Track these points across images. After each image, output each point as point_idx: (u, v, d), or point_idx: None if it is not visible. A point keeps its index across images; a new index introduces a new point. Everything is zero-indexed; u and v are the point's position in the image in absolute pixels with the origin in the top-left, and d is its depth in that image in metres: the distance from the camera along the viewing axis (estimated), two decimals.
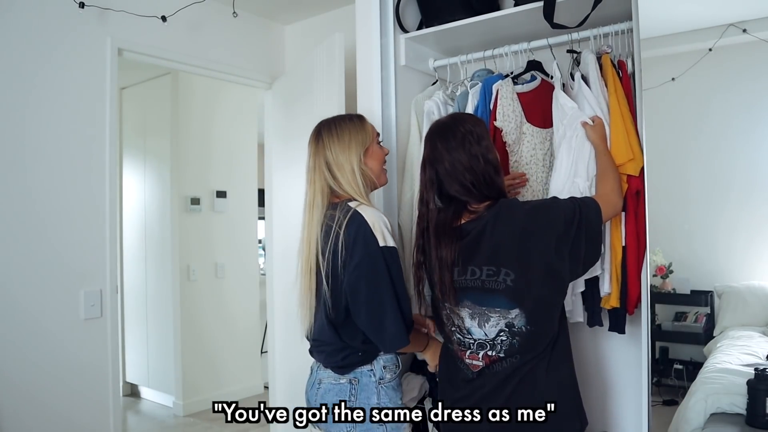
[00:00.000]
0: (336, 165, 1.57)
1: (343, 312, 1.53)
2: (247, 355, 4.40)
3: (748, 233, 1.88)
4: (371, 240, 1.46)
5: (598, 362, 2.10)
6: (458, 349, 1.52)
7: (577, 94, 1.85)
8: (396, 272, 1.49)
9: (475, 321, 1.47)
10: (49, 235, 2.33)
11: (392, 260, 1.48)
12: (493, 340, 1.44)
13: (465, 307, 1.47)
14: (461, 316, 1.49)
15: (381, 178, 1.65)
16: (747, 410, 1.69)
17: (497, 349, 1.44)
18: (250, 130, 4.51)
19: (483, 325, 1.46)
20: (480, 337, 1.47)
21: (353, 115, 1.68)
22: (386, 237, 1.48)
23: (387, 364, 1.58)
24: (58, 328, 2.34)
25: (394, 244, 1.50)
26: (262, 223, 4.18)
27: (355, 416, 1.52)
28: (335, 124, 1.63)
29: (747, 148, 1.89)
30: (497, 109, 1.95)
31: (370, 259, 1.46)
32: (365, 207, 1.52)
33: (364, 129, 1.61)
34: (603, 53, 1.85)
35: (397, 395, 1.60)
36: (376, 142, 1.63)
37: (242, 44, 3.15)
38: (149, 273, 4.22)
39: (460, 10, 2.14)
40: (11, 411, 2.19)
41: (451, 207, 1.50)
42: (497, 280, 1.42)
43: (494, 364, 1.46)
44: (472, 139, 1.49)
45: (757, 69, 1.84)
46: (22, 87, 2.27)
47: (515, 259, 1.41)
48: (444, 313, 1.54)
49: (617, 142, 1.70)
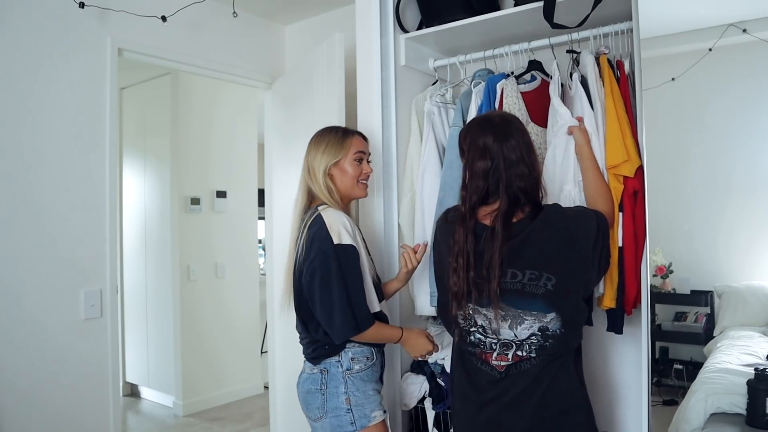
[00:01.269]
0: (310, 168, 1.76)
1: (306, 306, 1.68)
2: (247, 355, 4.40)
3: (748, 233, 1.88)
4: (326, 238, 1.61)
5: (597, 362, 2.10)
6: (479, 350, 1.50)
7: (574, 95, 1.86)
8: (349, 268, 1.61)
9: (507, 323, 1.45)
10: (49, 235, 2.33)
11: (345, 257, 1.61)
12: (523, 341, 1.44)
13: (498, 309, 1.45)
14: (489, 316, 1.47)
15: (355, 192, 1.78)
16: (747, 410, 1.69)
17: (527, 349, 1.44)
18: (250, 130, 4.51)
19: (515, 327, 1.45)
20: (508, 338, 1.45)
21: (342, 129, 1.82)
22: (342, 236, 1.62)
23: (356, 356, 1.69)
24: (58, 327, 2.34)
25: (351, 243, 1.63)
26: (262, 223, 4.18)
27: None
28: (323, 132, 1.81)
29: (747, 147, 1.88)
30: (503, 107, 1.95)
31: (323, 255, 1.61)
32: (328, 209, 1.68)
33: (342, 144, 1.75)
34: (601, 54, 1.85)
35: (368, 386, 1.69)
36: (352, 159, 1.75)
37: (242, 44, 3.15)
38: (149, 273, 4.22)
39: (460, 10, 2.14)
40: (11, 411, 2.19)
41: (506, 205, 1.46)
42: (538, 284, 1.42)
43: (523, 362, 1.44)
44: (530, 147, 1.51)
45: (757, 69, 1.84)
46: (22, 87, 2.27)
47: (558, 264, 1.43)
48: (462, 313, 1.51)
49: (612, 143, 1.71)
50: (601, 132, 1.76)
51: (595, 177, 1.69)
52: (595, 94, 1.81)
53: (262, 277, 4.25)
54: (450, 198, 2.03)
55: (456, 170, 2.04)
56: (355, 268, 1.64)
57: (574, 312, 1.46)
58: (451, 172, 2.05)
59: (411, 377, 2.20)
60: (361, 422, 1.65)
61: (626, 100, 1.77)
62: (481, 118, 1.60)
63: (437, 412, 2.14)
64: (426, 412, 2.17)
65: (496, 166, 1.46)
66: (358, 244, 1.67)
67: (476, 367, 1.51)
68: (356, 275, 1.63)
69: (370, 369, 1.71)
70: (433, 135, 2.17)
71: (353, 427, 1.64)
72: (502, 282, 1.43)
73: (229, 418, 3.92)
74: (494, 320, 1.46)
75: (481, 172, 1.47)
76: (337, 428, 1.66)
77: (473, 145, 1.51)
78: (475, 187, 1.48)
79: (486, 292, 1.44)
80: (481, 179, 1.47)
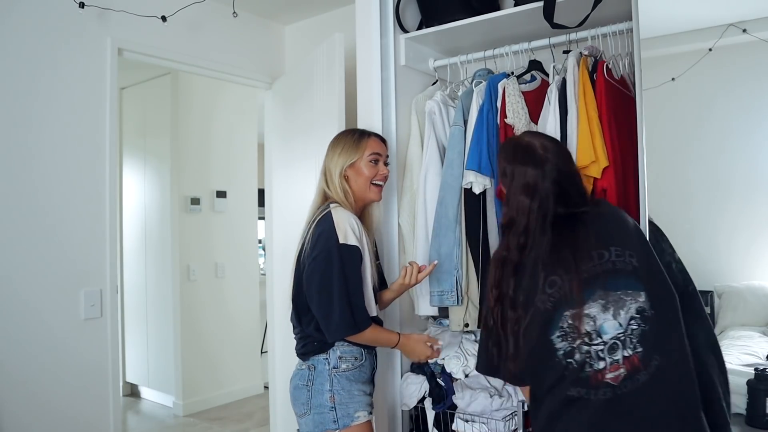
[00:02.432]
0: (327, 170, 1.80)
1: (303, 298, 1.70)
2: (247, 355, 4.40)
3: (748, 233, 1.88)
4: (332, 236, 1.63)
5: None
6: (591, 372, 1.30)
7: (550, 101, 1.91)
8: (351, 268, 1.63)
9: (609, 312, 1.32)
10: (49, 235, 2.33)
11: (349, 257, 1.63)
12: (625, 332, 1.30)
13: (596, 300, 1.32)
14: (591, 315, 1.32)
15: (367, 195, 1.80)
16: (747, 410, 1.69)
17: (631, 343, 1.29)
18: (250, 130, 4.51)
19: (618, 314, 1.31)
20: (613, 332, 1.30)
21: (360, 131, 1.85)
22: (348, 236, 1.64)
23: (344, 354, 1.69)
24: (58, 327, 2.34)
25: (357, 244, 1.65)
26: (262, 223, 4.17)
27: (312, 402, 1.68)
28: (340, 135, 1.86)
29: (748, 147, 1.88)
30: (506, 106, 1.96)
31: (327, 253, 1.62)
32: (338, 209, 1.70)
33: (357, 146, 1.78)
34: (583, 56, 1.87)
35: (354, 386, 1.69)
36: (367, 161, 1.78)
37: (242, 44, 3.15)
38: (149, 273, 4.22)
39: (460, 10, 2.14)
40: (12, 411, 2.19)
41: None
42: (625, 260, 1.36)
43: (638, 373, 1.28)
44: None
45: (758, 69, 1.84)
46: (22, 87, 2.27)
47: (634, 243, 1.39)
48: (567, 327, 1.33)
49: (581, 144, 1.76)
50: (576, 134, 1.81)
51: None
52: (571, 96, 1.84)
53: (262, 277, 4.25)
54: (450, 197, 2.03)
55: (456, 169, 2.04)
56: (357, 269, 1.65)
57: (659, 292, 1.35)
58: (452, 171, 2.05)
59: (411, 377, 2.20)
60: (344, 421, 1.65)
61: (602, 101, 1.79)
62: (531, 143, 1.54)
63: (437, 412, 2.14)
64: (426, 412, 2.17)
65: (555, 182, 1.45)
66: (363, 246, 1.68)
67: (591, 405, 1.29)
68: (357, 276, 1.64)
69: (357, 369, 1.71)
70: (434, 135, 2.17)
71: (336, 425, 1.65)
72: (591, 267, 1.35)
73: (229, 418, 3.92)
74: (586, 320, 1.31)
75: (548, 189, 1.46)
76: (319, 425, 1.66)
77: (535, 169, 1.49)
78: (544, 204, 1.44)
79: (593, 277, 1.33)
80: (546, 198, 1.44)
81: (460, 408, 2.07)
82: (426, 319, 2.33)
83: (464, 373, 2.10)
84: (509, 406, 2.03)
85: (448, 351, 2.12)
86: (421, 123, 2.23)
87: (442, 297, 2.01)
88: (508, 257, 1.44)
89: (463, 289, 2.02)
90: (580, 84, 1.82)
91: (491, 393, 2.04)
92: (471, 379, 2.11)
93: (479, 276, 2.02)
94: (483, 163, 1.96)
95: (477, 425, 2.03)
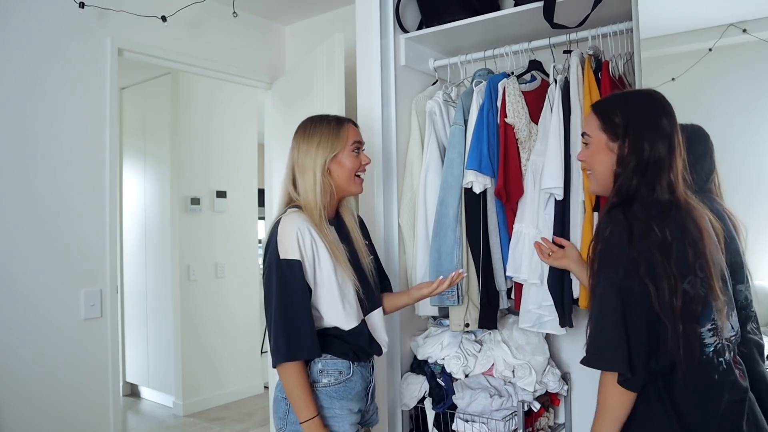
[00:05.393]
0: (299, 167, 1.54)
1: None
2: (247, 355, 4.40)
3: (749, 233, 1.88)
4: (274, 251, 1.46)
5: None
6: (740, 372, 1.21)
7: (552, 101, 1.91)
8: (292, 285, 1.44)
9: (731, 308, 1.24)
10: (50, 235, 2.33)
11: (289, 273, 1.44)
12: (735, 334, 1.23)
13: (725, 293, 1.21)
14: (722, 310, 1.20)
15: (350, 188, 1.58)
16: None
17: (733, 346, 1.23)
18: (250, 130, 4.51)
19: (731, 315, 1.22)
20: (729, 334, 1.22)
21: (335, 117, 1.60)
22: (288, 250, 1.44)
23: (325, 368, 1.49)
24: (58, 327, 2.34)
25: (296, 257, 1.44)
26: (262, 223, 4.19)
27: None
28: (311, 124, 1.58)
29: (748, 148, 1.88)
30: (506, 106, 1.96)
31: (269, 269, 1.47)
32: (291, 215, 1.49)
33: (338, 134, 1.54)
34: (587, 56, 1.87)
35: (336, 403, 1.48)
36: (350, 150, 1.55)
37: (242, 44, 3.15)
38: (149, 273, 4.22)
39: (460, 10, 2.15)
40: (12, 411, 2.19)
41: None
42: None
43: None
44: None
45: (758, 69, 1.84)
46: (22, 88, 2.27)
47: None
48: (701, 331, 1.17)
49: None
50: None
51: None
52: (575, 96, 1.84)
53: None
54: (451, 197, 2.04)
55: (457, 168, 2.04)
56: (299, 285, 1.44)
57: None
58: (452, 171, 2.05)
59: (411, 377, 2.20)
60: None
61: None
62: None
63: (437, 412, 2.14)
64: (426, 412, 2.17)
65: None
66: (314, 254, 1.47)
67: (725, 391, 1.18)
68: (300, 294, 1.44)
69: (342, 385, 1.49)
70: (435, 135, 2.18)
71: None
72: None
73: (229, 418, 3.92)
74: (725, 309, 1.19)
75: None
76: None
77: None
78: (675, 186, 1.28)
79: (711, 284, 1.18)
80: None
81: (460, 408, 2.07)
82: (426, 319, 2.33)
83: (464, 373, 2.10)
84: (509, 406, 2.03)
85: (448, 350, 2.13)
86: (422, 123, 2.23)
87: (442, 297, 2.00)
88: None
89: (464, 289, 2.02)
90: (585, 83, 1.82)
91: (491, 393, 2.04)
92: (471, 379, 2.11)
93: (479, 276, 2.02)
94: (483, 163, 1.96)
95: (477, 425, 2.03)
